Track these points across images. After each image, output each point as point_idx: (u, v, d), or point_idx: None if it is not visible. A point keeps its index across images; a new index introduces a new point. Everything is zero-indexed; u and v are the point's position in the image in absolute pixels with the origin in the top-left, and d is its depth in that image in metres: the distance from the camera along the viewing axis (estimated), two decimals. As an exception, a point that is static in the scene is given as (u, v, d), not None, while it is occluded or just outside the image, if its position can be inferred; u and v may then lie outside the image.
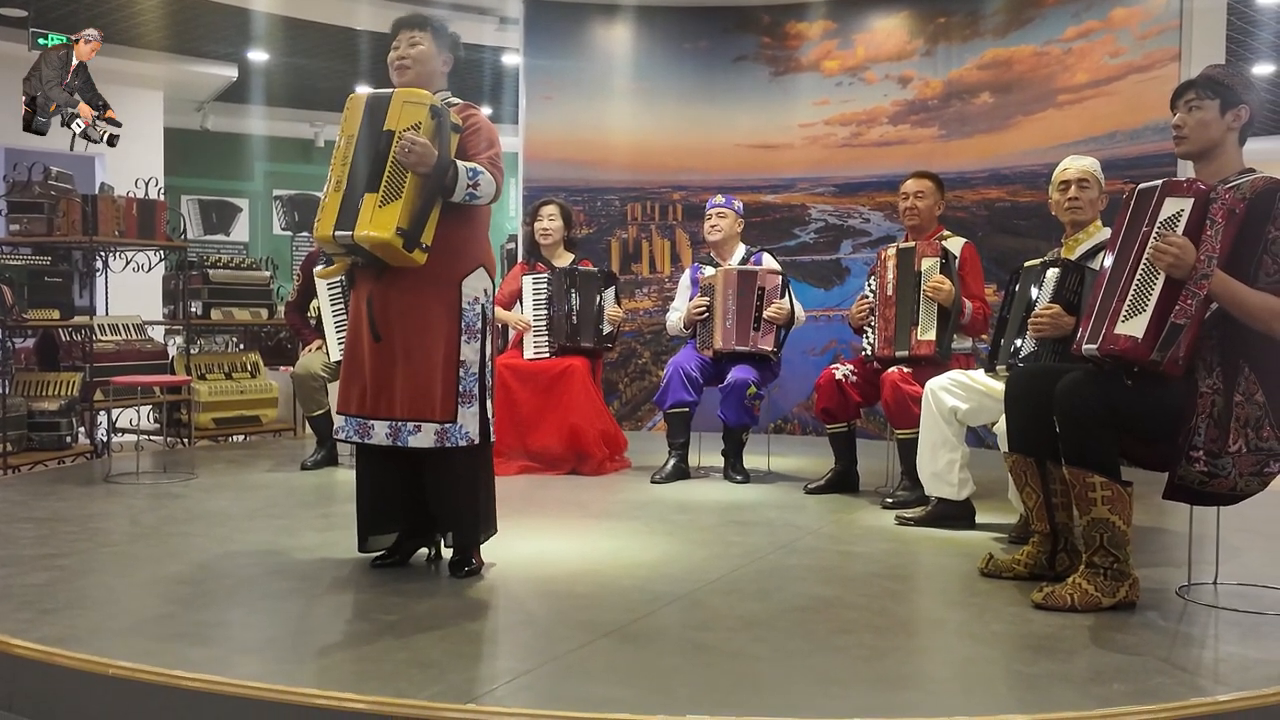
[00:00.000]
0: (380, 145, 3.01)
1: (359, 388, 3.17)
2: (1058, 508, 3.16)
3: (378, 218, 2.95)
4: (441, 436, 3.09)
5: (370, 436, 3.15)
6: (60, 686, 2.33)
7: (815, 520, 4.14)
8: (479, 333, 3.18)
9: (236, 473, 5.20)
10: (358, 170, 3.04)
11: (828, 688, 2.27)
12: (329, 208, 3.05)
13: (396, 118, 3.02)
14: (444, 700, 2.12)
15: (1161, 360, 2.69)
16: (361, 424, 3.17)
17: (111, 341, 5.96)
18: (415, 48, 3.23)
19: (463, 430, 3.11)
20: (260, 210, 12.17)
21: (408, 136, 2.97)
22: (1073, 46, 6.33)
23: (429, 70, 3.25)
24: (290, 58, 9.61)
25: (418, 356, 3.10)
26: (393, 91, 3.10)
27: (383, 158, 2.99)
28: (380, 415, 3.14)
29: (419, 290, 3.10)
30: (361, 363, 3.17)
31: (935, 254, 4.42)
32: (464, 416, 3.12)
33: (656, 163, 7.46)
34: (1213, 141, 2.92)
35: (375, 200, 2.97)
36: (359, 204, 2.98)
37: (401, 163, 2.96)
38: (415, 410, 3.09)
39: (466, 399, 3.13)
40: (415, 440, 3.10)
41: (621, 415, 7.19)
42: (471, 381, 3.15)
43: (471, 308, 3.17)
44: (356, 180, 3.03)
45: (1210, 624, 2.81)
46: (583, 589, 3.07)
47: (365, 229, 2.95)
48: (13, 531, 3.74)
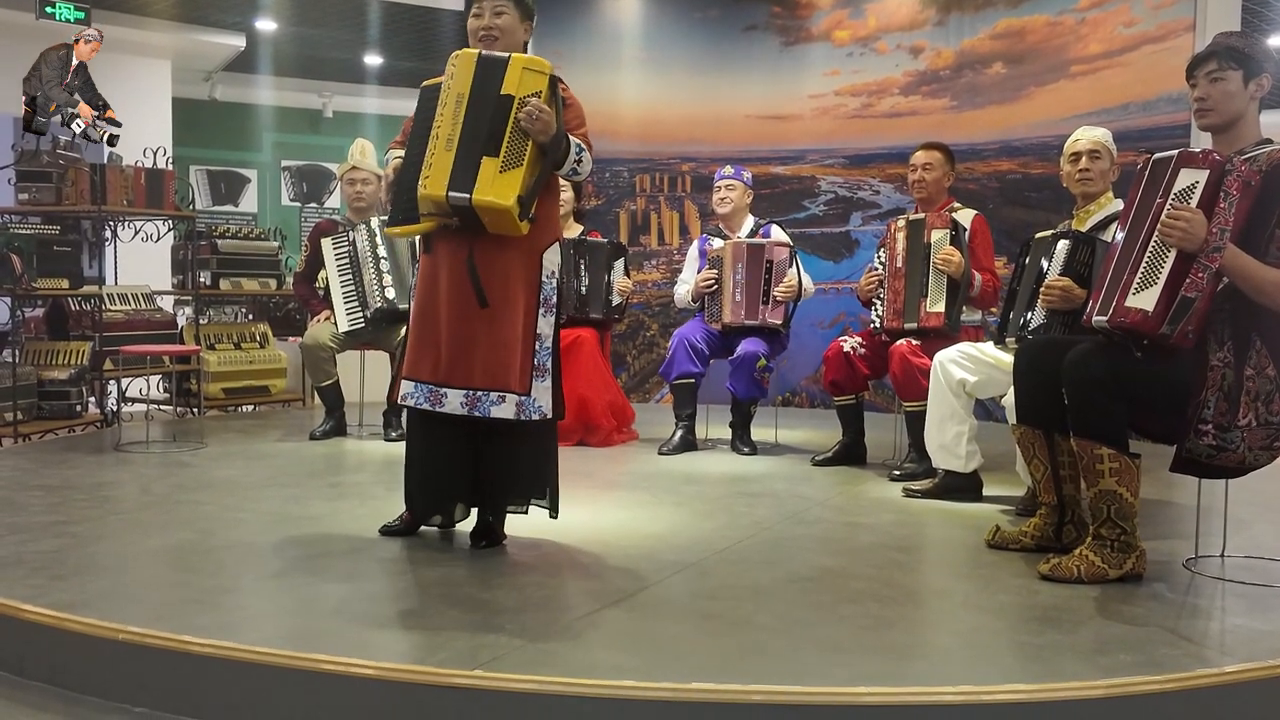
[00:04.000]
0: (498, 109, 2.92)
1: (432, 354, 3.07)
2: (1065, 479, 3.16)
3: (499, 184, 2.87)
4: (520, 409, 3.04)
5: (443, 405, 3.04)
6: (71, 651, 2.35)
7: (822, 492, 4.15)
8: (553, 307, 3.12)
9: (246, 442, 5.23)
10: (473, 131, 2.92)
11: (833, 656, 2.28)
12: (439, 165, 2.92)
13: (516, 83, 2.93)
14: (450, 667, 2.13)
15: (1172, 334, 2.68)
16: (434, 391, 3.06)
17: (121, 311, 5.97)
18: (501, 17, 3.09)
19: (536, 404, 3.06)
20: (269, 181, 12.15)
21: (534, 103, 2.89)
22: (1086, 16, 6.26)
23: (515, 41, 3.13)
24: (299, 27, 9.56)
25: (502, 325, 3.02)
26: (509, 55, 2.98)
27: (502, 122, 2.90)
28: (455, 384, 3.04)
29: (507, 259, 3.03)
30: (438, 328, 3.06)
31: (945, 226, 4.40)
32: (538, 390, 3.06)
33: (665, 134, 7.43)
34: (1237, 113, 2.88)
35: (496, 165, 2.89)
36: (477, 167, 2.89)
37: (526, 129, 2.90)
38: (498, 380, 3.02)
39: (540, 373, 3.07)
40: (498, 411, 3.02)
41: (629, 387, 7.19)
42: (545, 355, 3.09)
43: (549, 281, 3.11)
44: (472, 141, 2.91)
45: (1217, 596, 2.80)
46: (589, 559, 3.08)
47: (486, 194, 2.87)
48: (24, 499, 3.76)
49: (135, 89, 8.96)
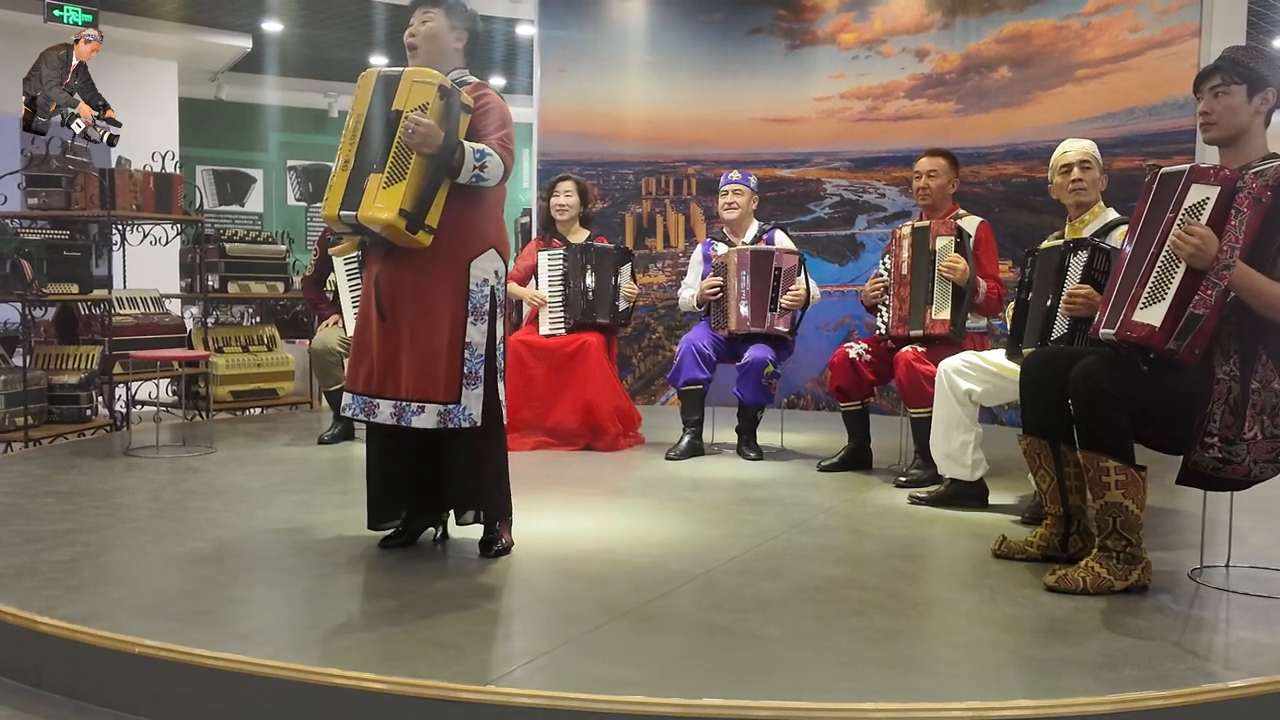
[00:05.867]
0: (388, 125, 2.99)
1: (366, 366, 3.18)
2: (1071, 490, 3.18)
3: (382, 198, 2.94)
4: (444, 418, 3.10)
5: (376, 415, 3.16)
6: (87, 664, 2.38)
7: (828, 499, 4.16)
8: (486, 314, 3.16)
9: (255, 446, 5.25)
10: (365, 150, 3.03)
11: (840, 670, 2.30)
12: (336, 186, 3.04)
13: (405, 97, 3.00)
14: (462, 682, 2.15)
15: (1178, 350, 2.69)
16: (368, 402, 3.17)
17: (130, 315, 6.00)
18: (426, 25, 3.19)
19: (465, 412, 3.11)
20: (275, 181, 12.19)
21: (412, 117, 2.94)
22: (1092, 21, 6.26)
23: (440, 47, 3.21)
24: (304, 28, 9.59)
25: (423, 338, 3.09)
26: (404, 71, 3.08)
27: (390, 138, 2.98)
28: (386, 394, 3.14)
29: (426, 271, 3.10)
30: (370, 341, 3.18)
31: (950, 233, 4.41)
32: (467, 398, 3.11)
33: (671, 136, 7.43)
34: (1241, 127, 2.89)
35: (380, 181, 2.96)
36: (364, 184, 2.98)
37: (406, 143, 2.95)
38: (419, 391, 3.09)
39: (471, 380, 3.12)
40: (419, 421, 3.10)
41: (635, 390, 7.21)
42: (477, 363, 3.14)
43: (480, 289, 3.15)
44: (363, 160, 3.02)
45: (1222, 608, 2.82)
46: (597, 568, 3.10)
47: (369, 209, 2.95)
48: (36, 506, 3.79)
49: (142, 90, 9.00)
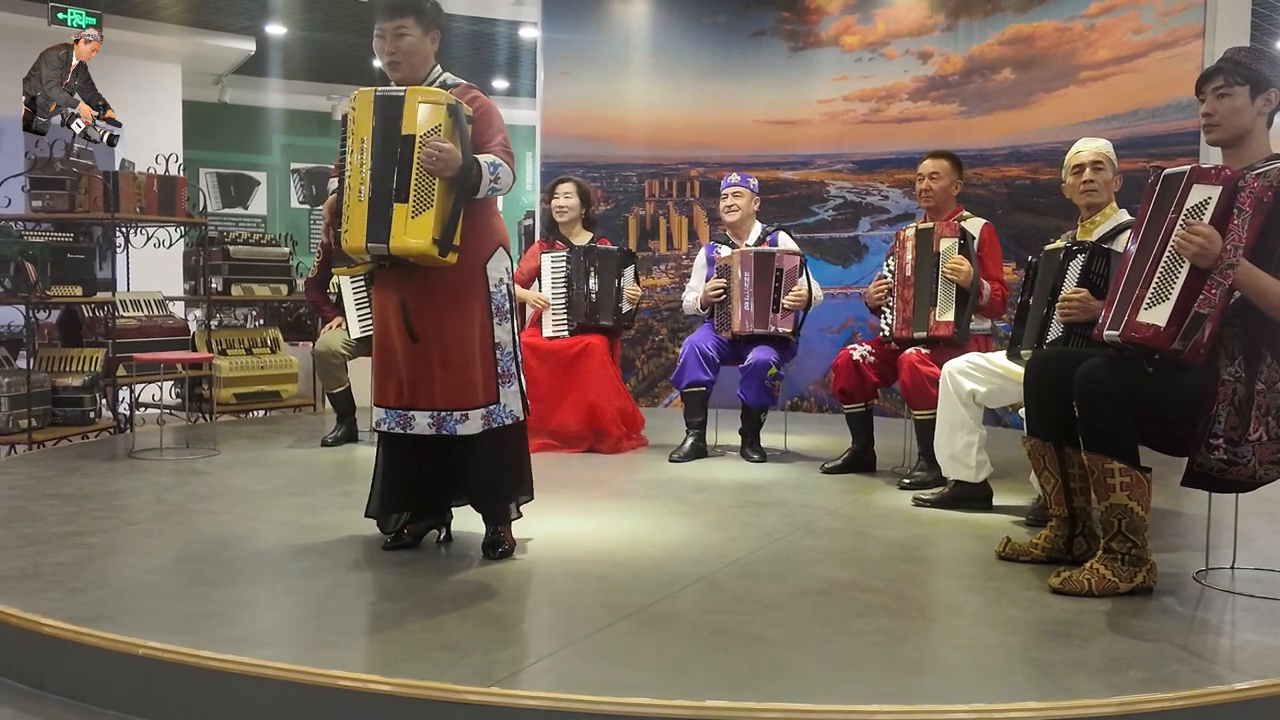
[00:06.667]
0: (402, 151, 2.92)
1: (395, 381, 3.16)
2: (1076, 492, 3.17)
3: (412, 228, 2.90)
4: (488, 419, 3.14)
5: (412, 426, 3.15)
6: (91, 666, 2.38)
7: (832, 501, 4.16)
8: (507, 313, 3.20)
9: (258, 449, 5.26)
10: (381, 179, 2.93)
11: (845, 673, 2.30)
12: (355, 219, 2.95)
13: (414, 121, 2.92)
14: (467, 683, 2.15)
15: (1184, 349, 2.69)
16: (402, 415, 3.16)
17: (134, 317, 6.01)
18: (403, 39, 3.07)
19: (506, 409, 3.17)
20: (278, 183, 12.21)
21: (431, 143, 2.89)
22: (1095, 23, 6.26)
23: (420, 58, 3.13)
24: (307, 31, 9.60)
25: (454, 349, 3.09)
26: (404, 92, 2.96)
27: (407, 165, 2.90)
28: (420, 405, 3.14)
29: (448, 285, 3.08)
30: (394, 355, 3.15)
31: (954, 235, 4.41)
32: (506, 396, 3.17)
33: (674, 139, 7.44)
34: (1244, 128, 2.89)
35: (407, 211, 2.90)
36: (389, 215, 2.91)
37: (429, 171, 2.90)
38: (458, 400, 3.10)
39: (506, 378, 3.17)
40: (464, 428, 3.11)
41: (638, 391, 7.21)
42: (509, 361, 3.19)
43: (498, 289, 3.18)
44: (382, 190, 2.92)
45: (1227, 610, 2.82)
46: (602, 570, 3.10)
47: (400, 241, 2.90)
48: (40, 509, 3.79)
49: (146, 92, 9.02)
